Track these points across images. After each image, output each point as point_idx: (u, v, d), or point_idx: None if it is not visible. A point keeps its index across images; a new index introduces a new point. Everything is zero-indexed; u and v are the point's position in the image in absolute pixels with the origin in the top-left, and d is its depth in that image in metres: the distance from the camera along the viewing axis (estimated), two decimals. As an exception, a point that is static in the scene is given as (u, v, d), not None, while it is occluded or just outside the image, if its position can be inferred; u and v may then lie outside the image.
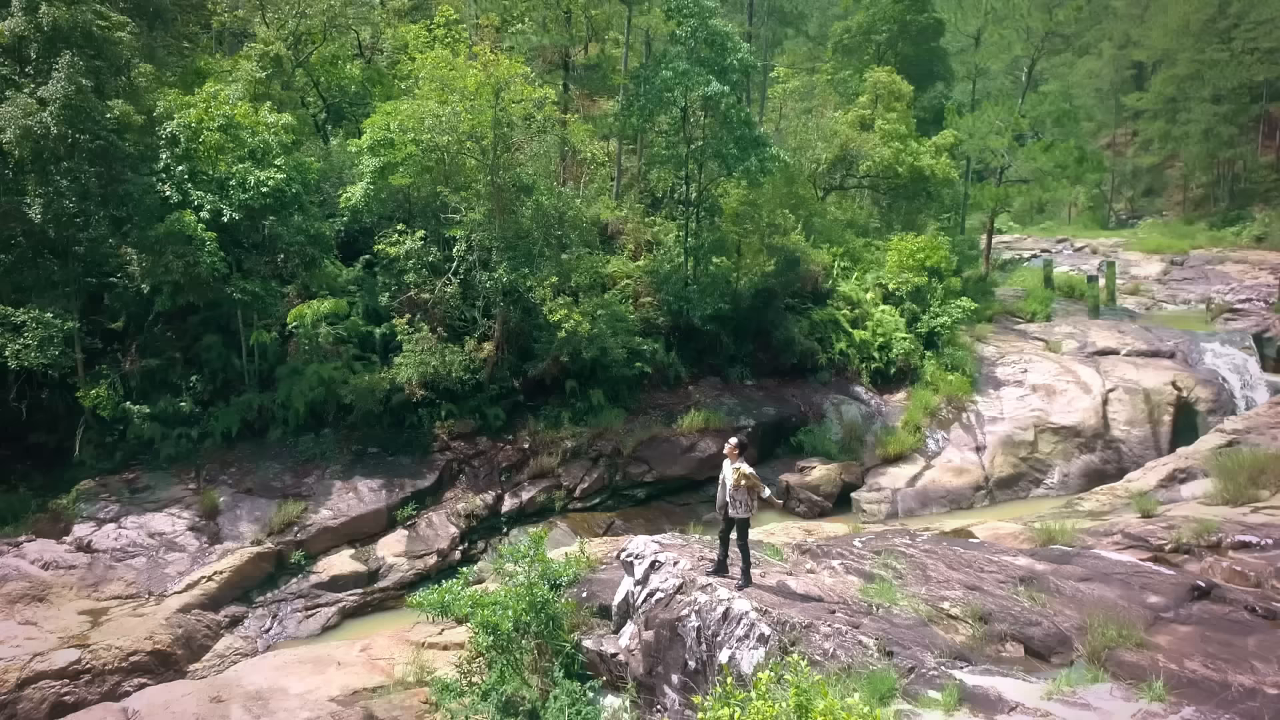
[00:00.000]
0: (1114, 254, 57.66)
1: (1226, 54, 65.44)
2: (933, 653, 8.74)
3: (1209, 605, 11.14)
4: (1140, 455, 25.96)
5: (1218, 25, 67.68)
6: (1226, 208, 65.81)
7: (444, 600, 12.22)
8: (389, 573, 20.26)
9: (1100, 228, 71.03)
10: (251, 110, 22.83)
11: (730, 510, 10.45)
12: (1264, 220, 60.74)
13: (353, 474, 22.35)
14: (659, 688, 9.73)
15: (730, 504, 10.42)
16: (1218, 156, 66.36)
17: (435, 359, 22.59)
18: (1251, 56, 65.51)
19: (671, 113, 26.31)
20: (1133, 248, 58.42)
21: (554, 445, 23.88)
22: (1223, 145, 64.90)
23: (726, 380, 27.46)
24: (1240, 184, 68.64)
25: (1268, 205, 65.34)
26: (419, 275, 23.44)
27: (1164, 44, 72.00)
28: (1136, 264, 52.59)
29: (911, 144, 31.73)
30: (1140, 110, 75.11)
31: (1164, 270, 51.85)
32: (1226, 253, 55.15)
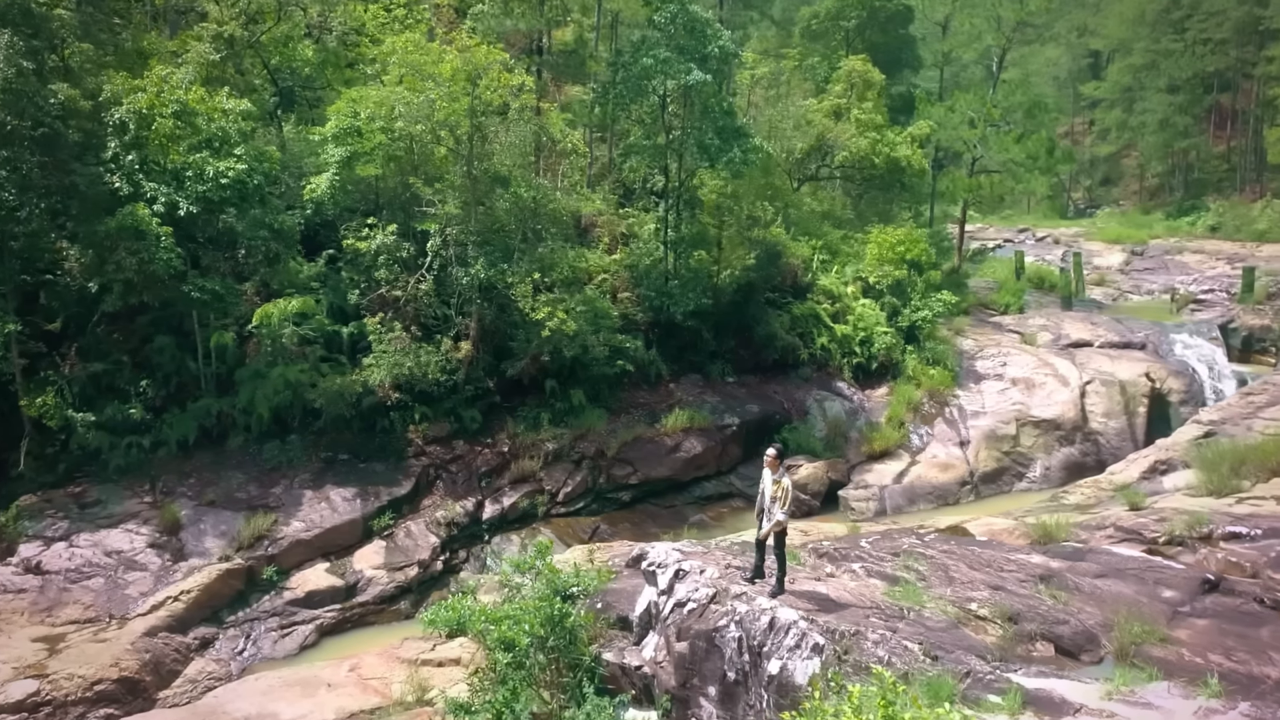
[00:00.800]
0: (1076, 244, 59.64)
1: (1181, 44, 68.06)
2: (976, 655, 9.00)
3: (1220, 598, 11.67)
4: (1117, 447, 26.97)
5: (1172, 15, 70.35)
6: (1181, 198, 68.52)
7: (459, 617, 12.05)
8: (368, 586, 19.92)
9: (1060, 217, 73.25)
10: (207, 95, 22.11)
11: (766, 523, 10.54)
12: (1218, 210, 63.39)
13: (323, 482, 21.89)
14: (694, 700, 9.81)
15: (767, 515, 10.51)
16: (1173, 147, 69.00)
17: (410, 360, 22.25)
18: (1204, 47, 68.28)
19: (649, 101, 26.29)
20: (1094, 238, 60.47)
21: (534, 448, 23.75)
22: (1178, 135, 67.49)
23: (708, 378, 27.63)
24: (1194, 174, 71.54)
25: (1220, 195, 68.25)
26: (390, 271, 23.03)
27: (1120, 33, 74.52)
28: (1099, 254, 54.42)
29: (888, 134, 32.29)
30: (1097, 99, 77.71)
31: (1125, 260, 53.79)
32: (1184, 243, 57.45)
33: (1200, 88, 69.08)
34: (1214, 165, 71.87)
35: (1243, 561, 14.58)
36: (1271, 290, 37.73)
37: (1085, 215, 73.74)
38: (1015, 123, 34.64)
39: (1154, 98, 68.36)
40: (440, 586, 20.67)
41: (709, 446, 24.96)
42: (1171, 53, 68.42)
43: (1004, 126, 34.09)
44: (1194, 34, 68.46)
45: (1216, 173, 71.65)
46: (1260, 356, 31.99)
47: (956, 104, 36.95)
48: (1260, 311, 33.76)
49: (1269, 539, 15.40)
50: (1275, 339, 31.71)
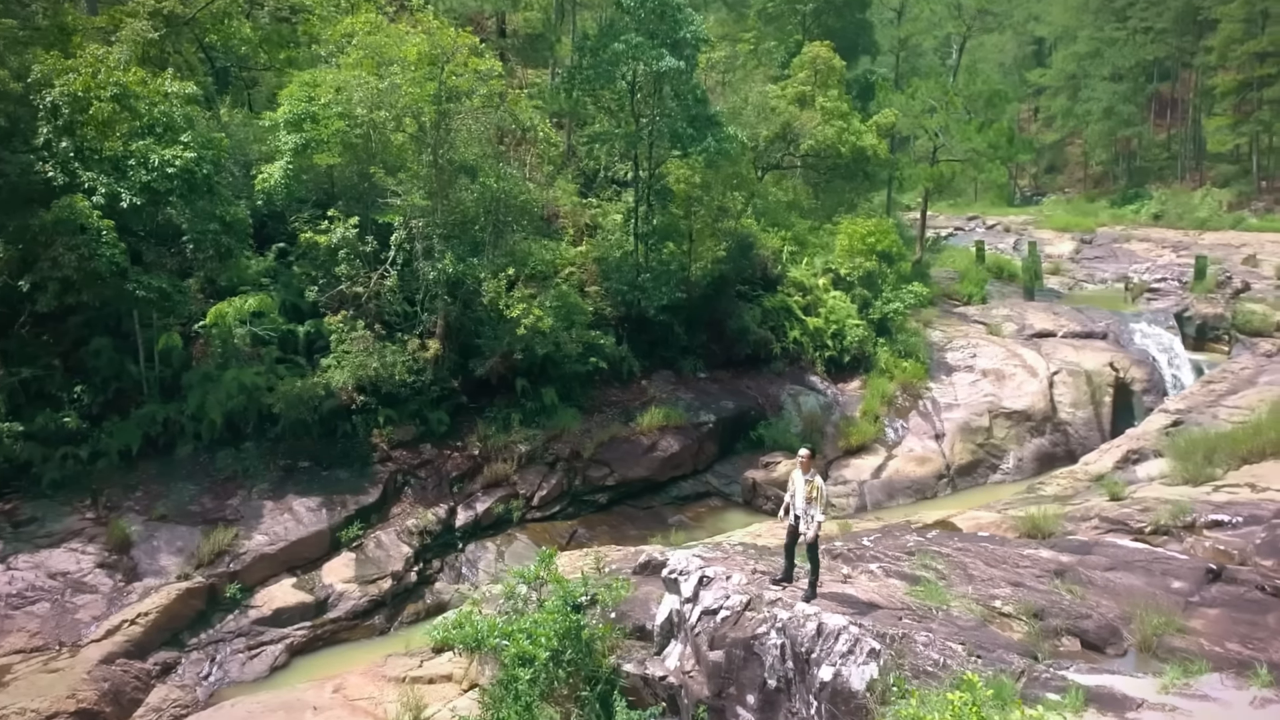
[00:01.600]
0: (1026, 232, 61.86)
1: (1124, 32, 70.98)
2: (1018, 653, 9.39)
3: (1225, 587, 12.38)
4: (1085, 437, 28.19)
5: (1115, 3, 73.33)
6: (1125, 186, 71.61)
7: (477, 633, 11.97)
8: (339, 601, 19.56)
9: (1007, 204, 75.71)
10: (149, 78, 21.27)
11: (802, 525, 10.74)
12: (1160, 199, 66.49)
13: (284, 492, 21.37)
14: (730, 710, 9.99)
15: (802, 518, 10.72)
16: (1117, 135, 72.02)
17: (375, 360, 21.87)
18: (1145, 36, 71.38)
19: (616, 88, 26.28)
20: (1043, 225, 62.84)
21: (506, 450, 23.61)
22: (1122, 124, 70.46)
23: (680, 374, 27.85)
24: (1136, 162, 74.83)
25: (1161, 183, 71.60)
26: (352, 267, 22.55)
27: (1065, 20, 77.33)
28: (1049, 242, 56.54)
29: (854, 122, 32.92)
30: (1043, 86, 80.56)
31: (1076, 249, 56.04)
32: (1130, 230, 60.16)
33: (1142, 76, 72.22)
34: (1155, 153, 75.29)
35: (1230, 549, 15.47)
36: (1220, 279, 39.81)
37: (1031, 203, 76.36)
38: (976, 111, 35.65)
39: (1098, 85, 71.19)
40: (415, 599, 20.44)
41: (685, 445, 25.19)
42: (1115, 41, 71.32)
43: (966, 115, 35.05)
44: (1135, 22, 71.51)
45: (1158, 161, 75.07)
46: (1214, 345, 33.71)
47: (917, 92, 37.88)
48: (1213, 300, 35.58)
49: (1250, 526, 16.36)
50: (1228, 327, 33.46)
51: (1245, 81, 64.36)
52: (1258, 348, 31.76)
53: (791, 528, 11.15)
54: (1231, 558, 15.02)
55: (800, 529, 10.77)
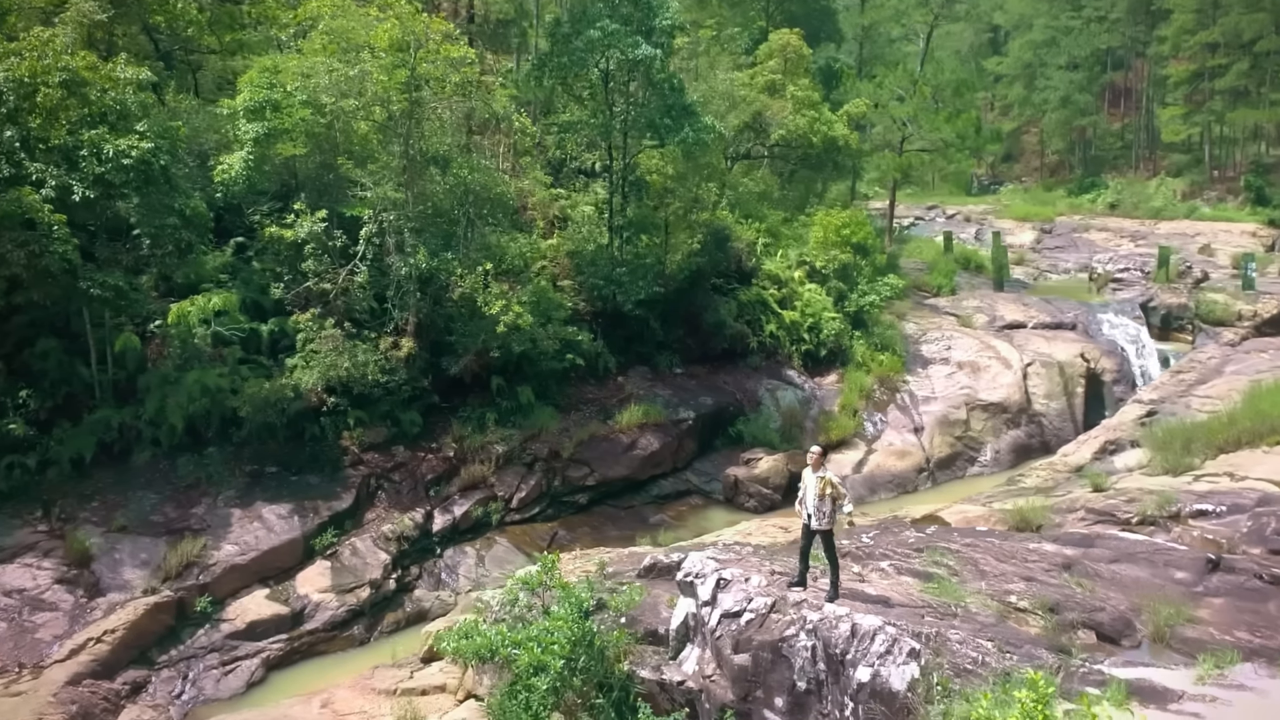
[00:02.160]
0: (986, 221, 63.34)
1: (1079, 21, 72.98)
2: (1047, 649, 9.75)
3: (1225, 576, 12.99)
4: (1059, 428, 29.11)
5: (1070, -8, 75.37)
6: (1081, 175, 73.75)
7: (490, 643, 11.95)
8: (316, 612, 19.31)
9: (965, 193, 77.25)
10: (99, 62, 20.63)
11: (815, 522, 10.96)
12: (1116, 188, 68.66)
13: (253, 499, 21.00)
14: (756, 713, 10.18)
15: (815, 515, 10.94)
16: (1073, 124, 74.09)
17: (346, 359, 21.58)
18: (1100, 25, 73.50)
19: (589, 76, 26.26)
20: (1003, 215, 64.30)
21: (483, 451, 23.50)
22: (1078, 113, 72.50)
23: (656, 369, 27.99)
24: (1091, 151, 77.11)
25: (1116, 172, 73.95)
26: (320, 262, 22.20)
27: (1021, 9, 79.15)
28: (1010, 232, 57.92)
29: (825, 112, 33.37)
30: (999, 75, 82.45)
31: (1037, 239, 57.61)
32: (1088, 220, 62.02)
33: (1097, 65, 74.40)
34: (1110, 142, 77.71)
35: (1218, 538, 16.17)
36: (1181, 269, 41.34)
37: (989, 191, 78.07)
38: (944, 100, 36.40)
39: (1055, 74, 73.12)
40: (394, 608, 20.29)
41: (665, 442, 25.35)
42: (1070, 30, 73.32)
43: (935, 105, 35.77)
44: (1090, 11, 73.59)
45: (1112, 150, 77.51)
46: (1178, 334, 35.04)
47: (884, 80, 38.50)
48: (1176, 290, 36.94)
49: (1234, 515, 17.12)
50: (1191, 317, 34.79)
51: (1197, 71, 66.74)
52: (1221, 337, 33.10)
53: (805, 528, 11.37)
54: (1220, 546, 15.70)
55: (813, 525, 10.97)
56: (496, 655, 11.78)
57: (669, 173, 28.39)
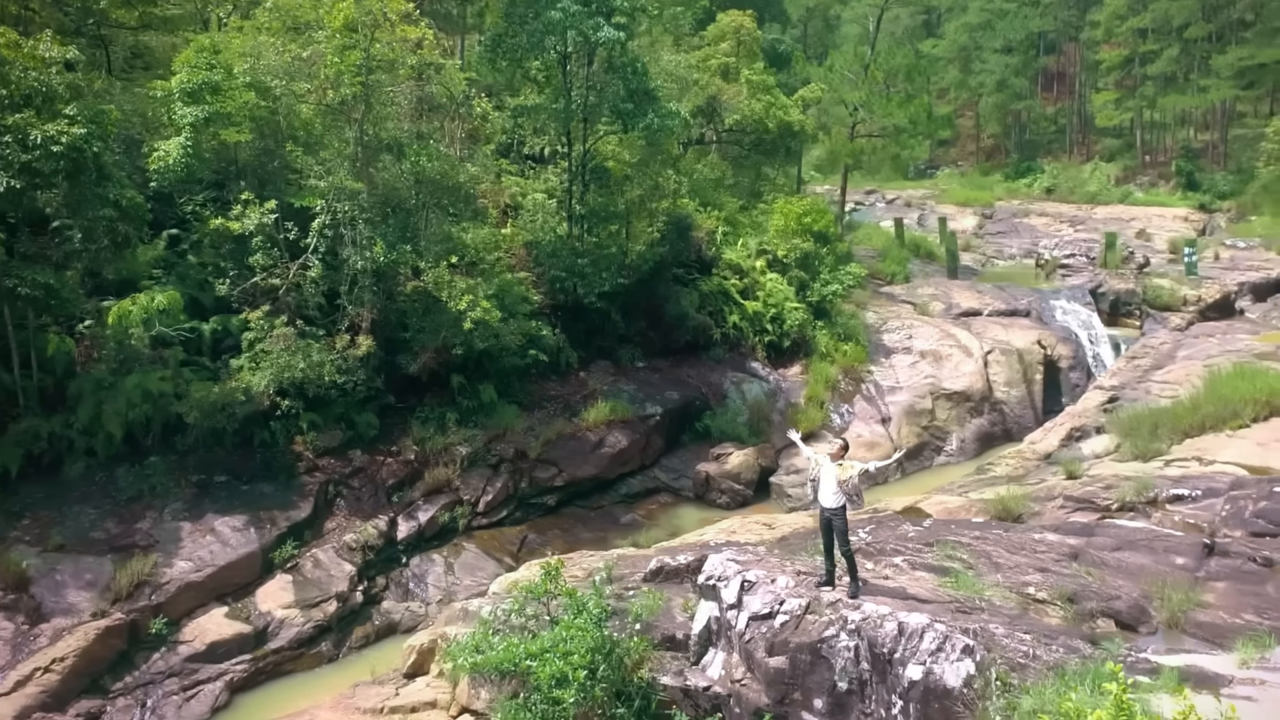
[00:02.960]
0: (927, 205, 65.22)
1: (1014, 4, 75.49)
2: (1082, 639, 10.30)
3: (1221, 560, 13.85)
4: (1020, 415, 30.34)
5: (1004, -25, 77.79)
6: (1017, 159, 76.41)
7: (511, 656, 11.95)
8: (280, 629, 18.91)
9: (903, 178, 79.25)
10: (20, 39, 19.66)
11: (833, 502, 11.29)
12: (1052, 172, 71.40)
13: (202, 511, 20.41)
14: (794, 715, 10.47)
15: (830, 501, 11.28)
16: (1009, 107, 76.68)
17: (301, 360, 21.12)
18: (1034, 9, 76.18)
19: (547, 58, 26.15)
20: (943, 200, 66.26)
21: (446, 453, 23.31)
22: (1014, 97, 75.05)
23: (618, 364, 28.15)
24: (1026, 135, 79.95)
25: (1051, 156, 76.88)
26: (269, 256, 21.64)
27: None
28: (952, 217, 59.76)
29: (780, 97, 33.89)
30: (935, 58, 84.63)
31: (979, 224, 59.55)
32: (1027, 204, 64.37)
33: (1032, 49, 77.10)
34: (1044, 126, 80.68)
35: (1200, 522, 17.13)
36: (1125, 254, 43.36)
37: (925, 175, 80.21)
38: (896, 85, 37.34)
39: (991, 58, 75.47)
40: (362, 621, 20.02)
41: (634, 439, 25.54)
42: (1005, 13, 75.77)
43: (887, 89, 36.67)
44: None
45: (1046, 134, 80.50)
46: (1126, 320, 36.83)
47: (835, 63, 39.28)
48: (1123, 276, 38.76)
49: (1209, 499, 18.14)
50: (1139, 303, 36.58)
51: (1129, 57, 69.82)
52: (1168, 322, 34.91)
53: (824, 526, 11.71)
54: (1201, 530, 16.66)
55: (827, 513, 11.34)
56: (517, 669, 11.76)
57: (626, 159, 28.54)
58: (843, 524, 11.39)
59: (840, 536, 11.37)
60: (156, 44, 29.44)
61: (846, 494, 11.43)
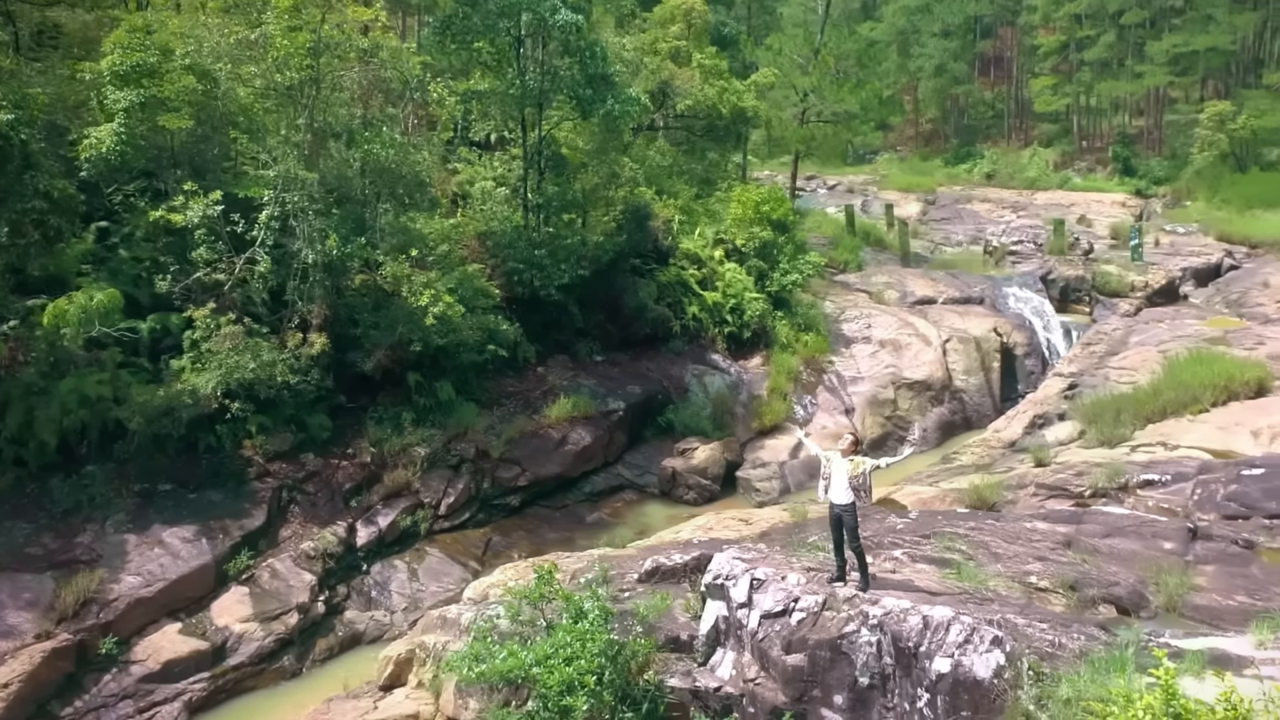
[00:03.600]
0: (868, 191, 66.62)
1: (958, -13, 77.44)
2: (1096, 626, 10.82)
3: (1206, 544, 14.65)
4: (979, 403, 31.36)
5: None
6: (957, 144, 78.52)
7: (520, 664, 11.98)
8: (239, 644, 18.55)
9: (841, 162, 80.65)
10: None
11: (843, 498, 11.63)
12: (992, 157, 73.65)
13: (148, 523, 19.87)
14: (813, 713, 10.78)
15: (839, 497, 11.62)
16: (948, 92, 78.69)
17: (251, 360, 20.69)
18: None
19: (498, 41, 26.00)
20: (886, 186, 67.77)
21: (404, 455, 23.10)
22: (953, 81, 77.04)
23: (576, 358, 28.21)
24: (965, 120, 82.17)
25: (990, 141, 79.22)
26: (213, 251, 21.12)
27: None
28: (896, 204, 61.15)
29: (734, 82, 34.26)
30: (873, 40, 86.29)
31: (923, 210, 61.08)
32: (969, 190, 66.30)
33: (970, 33, 79.22)
34: (982, 111, 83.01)
35: (1173, 506, 18.07)
36: (1071, 240, 45.02)
37: (864, 160, 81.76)
38: (847, 70, 38.07)
39: (930, 41, 77.30)
40: (325, 633, 19.76)
41: (597, 436, 25.66)
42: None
43: (838, 74, 37.37)
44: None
45: (984, 119, 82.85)
46: (1076, 306, 38.32)
47: (784, 48, 39.85)
48: (1072, 262, 40.26)
49: (1179, 483, 19.14)
50: (1088, 289, 38.07)
51: (1065, 42, 72.27)
52: (1117, 308, 36.45)
53: (834, 521, 12.05)
54: (1175, 514, 17.57)
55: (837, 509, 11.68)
56: (526, 677, 11.83)
57: (580, 146, 28.59)
58: (853, 520, 11.73)
59: (850, 533, 11.71)
60: (69, 21, 28.35)
61: (856, 489, 11.75)
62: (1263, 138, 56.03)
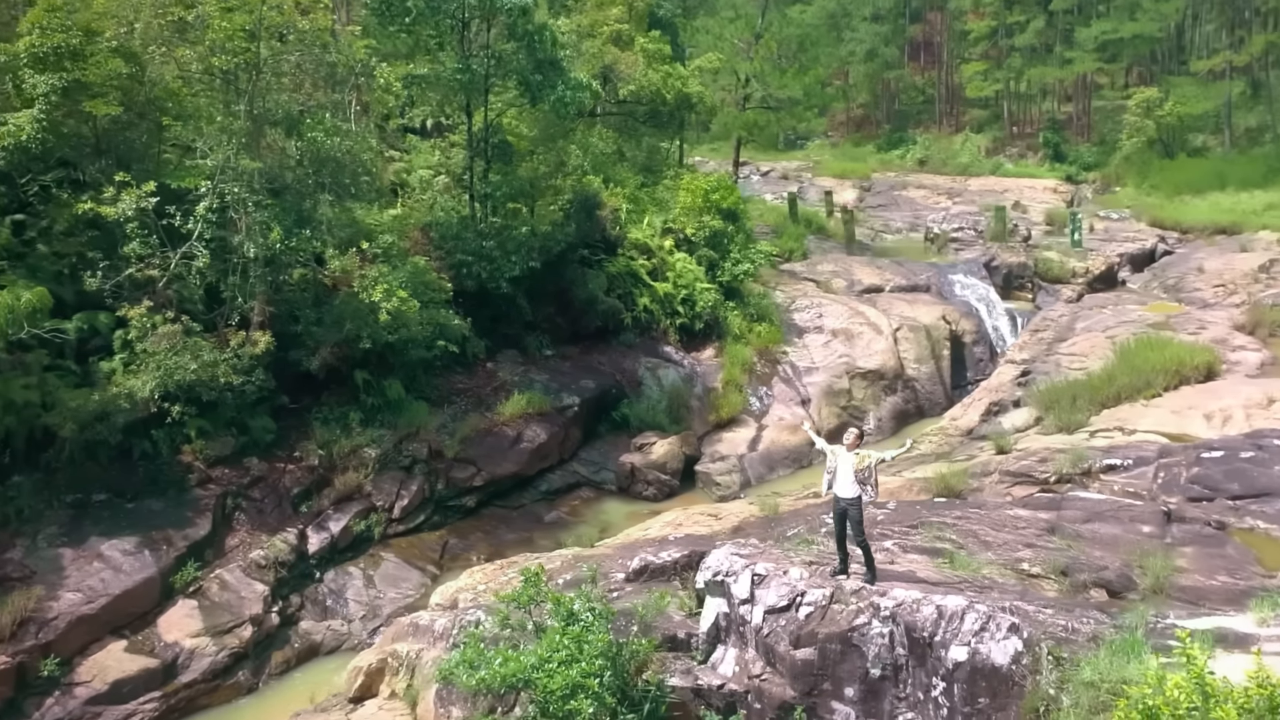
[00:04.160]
0: (803, 177, 67.69)
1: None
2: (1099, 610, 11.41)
3: (1182, 526, 15.50)
4: (931, 392, 32.34)
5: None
6: (889, 130, 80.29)
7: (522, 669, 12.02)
8: (191, 661, 18.19)
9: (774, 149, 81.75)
10: None
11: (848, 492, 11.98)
12: (924, 143, 75.50)
13: (84, 535, 19.31)
14: (823, 705, 11.13)
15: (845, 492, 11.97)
16: (880, 77, 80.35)
17: (191, 360, 20.20)
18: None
19: (440, 24, 25.77)
20: (820, 172, 68.89)
21: (353, 456, 22.87)
22: (884, 66, 78.69)
23: (526, 352, 28.21)
24: (897, 105, 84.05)
25: (921, 127, 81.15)
26: (146, 245, 20.53)
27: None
28: (833, 191, 62.37)
29: (679, 68, 34.54)
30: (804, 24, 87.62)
31: (859, 197, 62.33)
32: (904, 177, 67.84)
33: (900, 17, 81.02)
34: (913, 96, 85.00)
35: (1138, 490, 18.98)
36: (1010, 227, 46.59)
37: (796, 146, 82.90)
38: (790, 56, 38.70)
39: (861, 26, 78.79)
40: (281, 645, 19.50)
41: (553, 433, 25.73)
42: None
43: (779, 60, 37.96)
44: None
45: (915, 104, 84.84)
46: (1019, 293, 39.71)
47: (725, 32, 40.30)
48: (1014, 249, 41.70)
49: (1140, 467, 20.11)
50: (1031, 275, 39.51)
51: (995, 28, 74.48)
52: (1060, 294, 37.90)
53: (838, 515, 12.42)
54: (1141, 496, 18.48)
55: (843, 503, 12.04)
56: (529, 682, 11.91)
57: (524, 133, 28.53)
58: (858, 514, 12.08)
59: (856, 526, 12.07)
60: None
61: (862, 483, 12.11)
62: (1189, 124, 58.72)
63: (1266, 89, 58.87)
